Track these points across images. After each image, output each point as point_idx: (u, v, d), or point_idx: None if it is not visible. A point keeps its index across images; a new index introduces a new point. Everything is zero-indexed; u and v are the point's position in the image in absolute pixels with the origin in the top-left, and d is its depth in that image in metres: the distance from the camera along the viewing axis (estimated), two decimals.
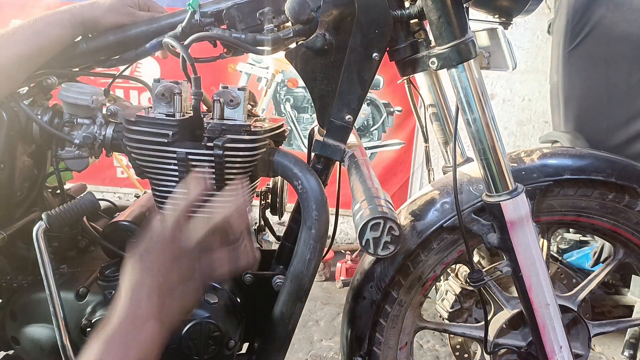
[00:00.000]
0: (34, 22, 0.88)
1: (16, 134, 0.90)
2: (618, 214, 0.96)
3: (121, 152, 0.91)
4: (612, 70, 2.06)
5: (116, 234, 0.92)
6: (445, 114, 1.26)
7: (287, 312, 0.87)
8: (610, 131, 2.08)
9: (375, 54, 0.84)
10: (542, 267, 0.88)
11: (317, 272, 0.89)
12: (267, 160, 0.88)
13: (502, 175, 0.84)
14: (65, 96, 0.89)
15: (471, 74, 0.79)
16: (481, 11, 0.94)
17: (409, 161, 3.07)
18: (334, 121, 0.87)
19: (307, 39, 0.84)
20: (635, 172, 0.93)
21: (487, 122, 0.81)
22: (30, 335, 0.91)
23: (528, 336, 1.00)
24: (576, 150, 1.01)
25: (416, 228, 0.95)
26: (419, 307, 1.03)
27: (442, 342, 2.13)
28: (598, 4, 2.04)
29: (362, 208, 0.76)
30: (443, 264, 0.98)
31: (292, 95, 3.03)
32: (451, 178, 0.88)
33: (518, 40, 2.88)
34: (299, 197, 0.87)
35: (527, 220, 0.85)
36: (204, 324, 0.84)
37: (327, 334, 2.21)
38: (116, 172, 3.08)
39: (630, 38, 2.02)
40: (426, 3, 0.79)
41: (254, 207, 1.10)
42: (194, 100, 0.83)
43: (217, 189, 0.86)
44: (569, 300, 1.04)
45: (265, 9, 0.87)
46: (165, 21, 0.93)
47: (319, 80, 0.86)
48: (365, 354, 1.00)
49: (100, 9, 0.91)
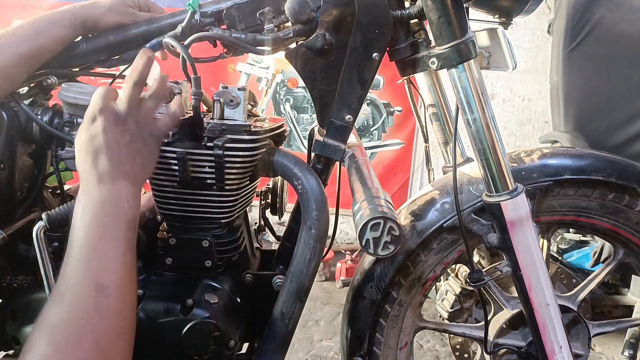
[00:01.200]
0: (34, 21, 0.88)
1: (16, 134, 0.90)
2: (618, 214, 0.96)
3: None
4: (612, 70, 2.06)
5: None
6: (445, 114, 1.26)
7: (287, 312, 0.87)
8: (610, 131, 2.08)
9: (375, 54, 0.84)
10: (542, 267, 0.88)
11: (317, 272, 0.88)
12: (267, 160, 0.88)
13: (502, 175, 0.84)
14: (65, 96, 0.89)
15: (471, 74, 0.79)
16: (481, 11, 0.94)
17: (409, 161, 3.07)
18: (334, 121, 0.87)
19: (307, 39, 0.84)
20: (635, 172, 0.93)
21: (487, 122, 0.81)
22: None
23: (528, 336, 1.00)
24: (576, 150, 1.01)
25: (416, 228, 0.95)
26: (419, 307, 1.03)
27: (442, 342, 2.13)
28: (598, 4, 2.04)
29: (362, 208, 0.76)
30: (443, 264, 0.98)
31: (292, 95, 3.03)
32: (451, 178, 0.88)
33: (518, 40, 2.88)
34: (299, 197, 0.87)
35: (527, 220, 0.85)
36: (204, 324, 0.84)
37: (327, 334, 2.21)
38: None
39: (630, 38, 2.02)
40: (426, 3, 0.79)
41: (254, 207, 1.10)
42: (194, 100, 0.83)
43: (216, 189, 0.86)
44: (569, 300, 1.04)
45: (265, 9, 0.87)
46: (165, 21, 0.93)
47: (319, 80, 0.86)
48: (365, 354, 1.00)
49: (100, 9, 0.91)
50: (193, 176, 0.85)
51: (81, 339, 0.62)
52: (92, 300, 0.64)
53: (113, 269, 0.67)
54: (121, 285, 0.67)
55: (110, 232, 0.68)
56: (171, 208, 0.89)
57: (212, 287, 0.90)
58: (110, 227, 0.68)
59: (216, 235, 0.89)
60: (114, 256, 0.67)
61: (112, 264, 0.67)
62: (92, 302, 0.64)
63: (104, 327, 0.64)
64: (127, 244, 0.69)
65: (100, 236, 0.67)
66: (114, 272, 0.67)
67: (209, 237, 0.88)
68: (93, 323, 0.63)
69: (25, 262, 0.96)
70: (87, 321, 0.63)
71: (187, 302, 0.86)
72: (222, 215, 0.89)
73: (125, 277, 0.68)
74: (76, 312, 0.63)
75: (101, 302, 0.64)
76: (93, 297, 0.64)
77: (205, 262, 0.89)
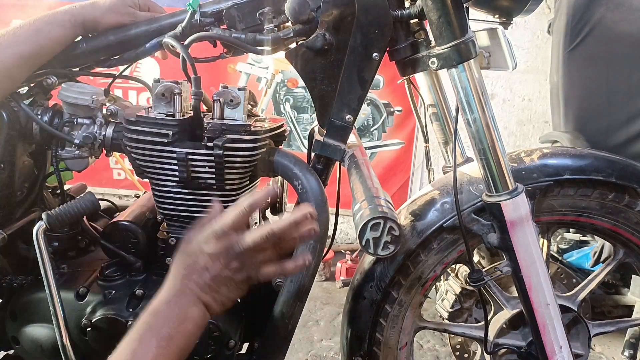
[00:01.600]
0: (34, 22, 0.88)
1: (16, 134, 0.90)
2: (618, 214, 0.96)
3: (121, 152, 0.91)
4: (612, 70, 2.05)
5: (116, 234, 0.92)
6: (445, 114, 1.26)
7: (287, 312, 0.87)
8: (610, 131, 2.08)
9: (376, 54, 0.84)
10: (542, 267, 0.88)
11: (317, 272, 0.89)
12: (267, 160, 0.88)
13: (502, 175, 0.84)
14: (65, 96, 0.89)
15: (471, 74, 0.79)
16: (481, 11, 0.94)
17: (409, 161, 3.07)
18: (334, 121, 0.87)
19: (307, 39, 0.84)
20: (635, 172, 0.93)
21: (487, 122, 0.81)
22: (30, 335, 0.91)
23: (528, 336, 1.00)
24: (576, 150, 1.01)
25: (416, 228, 0.95)
26: (419, 307, 1.03)
27: (442, 342, 2.13)
28: (598, 4, 2.04)
29: (362, 208, 0.76)
30: (443, 264, 0.98)
31: (291, 95, 3.03)
32: (451, 178, 0.88)
33: (518, 40, 2.88)
34: (299, 197, 0.87)
35: (527, 220, 0.85)
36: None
37: (327, 334, 2.21)
38: (113, 173, 3.07)
39: (630, 38, 2.02)
40: (426, 3, 0.79)
41: None
42: (194, 100, 0.83)
43: (217, 189, 0.86)
44: (569, 300, 1.04)
45: (265, 9, 0.87)
46: (165, 21, 0.93)
47: (319, 80, 0.86)
48: (365, 354, 1.00)
49: (100, 9, 0.91)
50: (193, 176, 0.85)
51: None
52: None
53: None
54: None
55: (156, 348, 0.65)
56: (171, 208, 0.89)
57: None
58: (159, 343, 0.65)
59: None
60: None
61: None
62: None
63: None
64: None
65: (144, 347, 0.64)
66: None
67: None
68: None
69: (25, 262, 0.96)
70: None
71: None
72: None
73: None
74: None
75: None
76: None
77: None
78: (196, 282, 0.68)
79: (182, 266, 0.70)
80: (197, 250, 0.69)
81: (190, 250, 0.70)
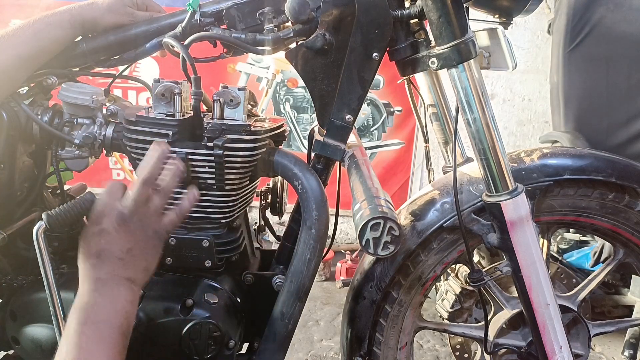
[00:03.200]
0: (33, 22, 0.88)
1: (16, 134, 0.90)
2: (618, 214, 0.96)
3: (121, 152, 0.91)
4: (612, 70, 2.06)
5: None
6: (445, 114, 1.26)
7: (287, 312, 0.87)
8: (610, 131, 2.08)
9: (375, 54, 0.84)
10: (542, 267, 0.88)
11: (317, 272, 0.89)
12: (267, 160, 0.88)
13: (502, 175, 0.84)
14: (65, 96, 0.89)
15: (471, 74, 0.79)
16: (481, 11, 0.94)
17: (409, 161, 3.07)
18: (334, 121, 0.87)
19: (307, 39, 0.84)
20: (635, 172, 0.93)
21: (487, 122, 0.81)
22: (30, 335, 0.91)
23: (528, 336, 1.00)
24: (576, 150, 1.01)
25: (416, 228, 0.95)
26: (419, 307, 1.03)
27: (442, 342, 2.13)
28: (598, 4, 2.04)
29: (362, 208, 0.76)
30: (443, 264, 0.98)
31: (292, 95, 3.03)
32: (451, 178, 0.88)
33: (518, 40, 2.88)
34: (299, 197, 0.87)
35: (527, 220, 0.85)
36: (204, 324, 0.84)
37: (327, 334, 2.21)
38: (112, 173, 3.07)
39: (630, 38, 2.02)
40: (426, 3, 0.79)
41: (254, 207, 1.10)
42: (194, 100, 0.83)
43: (217, 189, 0.86)
44: (569, 300, 1.04)
45: (265, 8, 0.87)
46: (165, 21, 0.93)
47: (319, 80, 0.86)
48: (365, 354, 1.00)
49: (99, 10, 0.91)
50: (193, 176, 0.85)
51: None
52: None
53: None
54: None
55: (100, 337, 0.65)
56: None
57: (212, 287, 0.90)
58: (102, 331, 0.66)
59: (216, 235, 0.89)
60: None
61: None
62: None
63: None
64: (116, 352, 0.66)
65: (89, 340, 0.65)
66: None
67: (209, 237, 0.88)
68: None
69: (25, 262, 0.95)
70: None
71: (187, 302, 0.86)
72: (222, 215, 0.89)
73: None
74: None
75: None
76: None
77: (205, 262, 0.89)
78: (109, 264, 0.69)
79: (88, 256, 0.70)
80: (94, 235, 0.71)
81: (89, 239, 0.71)
